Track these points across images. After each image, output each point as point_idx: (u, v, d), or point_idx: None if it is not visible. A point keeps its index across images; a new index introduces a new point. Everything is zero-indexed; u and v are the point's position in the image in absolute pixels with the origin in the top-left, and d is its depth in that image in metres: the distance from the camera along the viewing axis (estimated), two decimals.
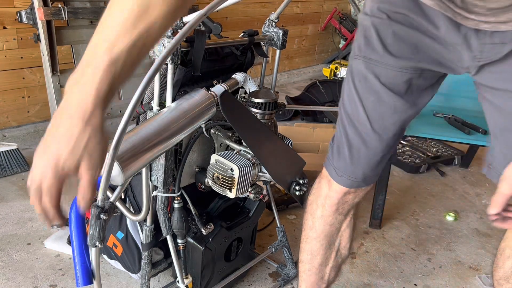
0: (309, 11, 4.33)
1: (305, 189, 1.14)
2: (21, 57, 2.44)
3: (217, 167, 1.11)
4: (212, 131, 1.18)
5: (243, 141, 1.13)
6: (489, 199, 0.83)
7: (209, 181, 1.15)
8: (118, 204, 1.13)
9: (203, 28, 1.13)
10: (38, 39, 2.13)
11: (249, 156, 1.14)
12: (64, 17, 2.09)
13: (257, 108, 1.19)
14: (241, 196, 1.15)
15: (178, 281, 1.31)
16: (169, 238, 1.24)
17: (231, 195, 1.11)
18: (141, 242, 1.27)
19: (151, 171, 1.13)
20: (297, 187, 1.12)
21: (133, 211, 1.23)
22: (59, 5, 2.10)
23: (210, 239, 1.33)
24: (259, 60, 1.37)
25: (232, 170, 1.09)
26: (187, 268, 1.32)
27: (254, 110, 1.19)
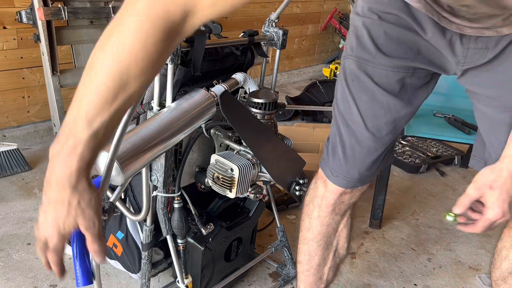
0: (309, 11, 4.33)
1: (305, 189, 1.14)
2: (21, 57, 2.44)
3: (217, 167, 1.11)
4: (212, 131, 1.18)
5: (243, 141, 1.13)
6: None
7: (209, 181, 1.15)
8: (118, 204, 1.13)
9: (203, 28, 1.13)
10: (38, 39, 2.13)
11: (249, 156, 1.14)
12: (64, 17, 2.09)
13: (257, 108, 1.19)
14: (241, 196, 1.15)
15: (178, 281, 1.31)
16: (169, 238, 1.24)
17: (231, 195, 1.11)
18: (141, 242, 1.27)
19: (151, 171, 1.13)
20: (297, 187, 1.12)
21: (133, 211, 1.23)
22: (59, 5, 2.10)
23: (210, 239, 1.33)
24: (259, 60, 1.37)
25: (232, 170, 1.09)
26: (187, 268, 1.32)
27: (254, 110, 1.19)
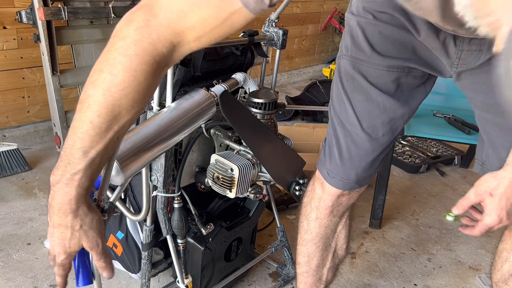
0: (309, 11, 4.33)
1: (305, 189, 1.14)
2: (21, 57, 2.44)
3: (217, 167, 1.11)
4: (212, 131, 1.18)
5: (243, 141, 1.13)
6: None
7: (209, 181, 1.15)
8: (118, 204, 1.13)
9: None
10: (38, 39, 2.13)
11: (249, 156, 1.14)
12: (64, 17, 2.09)
13: (257, 108, 1.19)
14: (241, 196, 1.15)
15: (178, 281, 1.31)
16: (169, 238, 1.24)
17: (231, 195, 1.11)
18: (141, 242, 1.27)
19: (151, 171, 1.13)
20: (297, 187, 1.12)
21: (133, 211, 1.23)
22: (59, 5, 2.10)
23: (210, 239, 1.33)
24: (259, 60, 1.37)
25: (232, 170, 1.09)
26: (187, 268, 1.32)
27: (254, 110, 1.19)
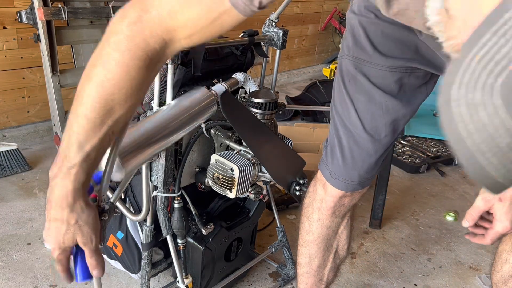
0: (309, 11, 4.33)
1: (305, 189, 1.14)
2: (21, 57, 2.44)
3: (217, 167, 1.11)
4: (212, 131, 1.18)
5: (243, 141, 1.13)
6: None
7: (209, 181, 1.15)
8: (118, 204, 1.13)
9: None
10: (38, 39, 2.13)
11: (249, 156, 1.14)
12: (64, 17, 2.09)
13: (257, 108, 1.19)
14: (241, 196, 1.15)
15: (178, 281, 1.31)
16: (169, 238, 1.24)
17: (231, 195, 1.11)
18: (141, 242, 1.27)
19: (151, 171, 1.13)
20: (297, 187, 1.12)
21: (133, 211, 1.23)
22: (59, 5, 2.10)
23: (210, 239, 1.33)
24: (259, 60, 1.37)
25: (232, 170, 1.09)
26: (187, 268, 1.32)
27: (254, 110, 1.19)
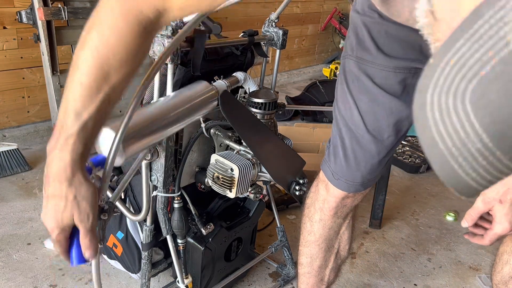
0: (309, 11, 4.33)
1: (305, 189, 1.14)
2: (21, 57, 2.44)
3: (217, 167, 1.11)
4: (212, 131, 1.18)
5: (243, 141, 1.13)
6: None
7: (209, 181, 1.15)
8: (118, 204, 1.13)
9: (203, 28, 1.13)
10: (38, 39, 2.13)
11: (249, 156, 1.14)
12: (64, 17, 2.09)
13: (257, 108, 1.19)
14: (241, 196, 1.15)
15: (178, 281, 1.31)
16: (169, 238, 1.24)
17: (231, 195, 1.11)
18: (141, 242, 1.27)
19: (151, 171, 1.13)
20: (297, 187, 1.12)
21: (133, 211, 1.23)
22: (59, 5, 2.10)
23: (210, 239, 1.33)
24: (259, 60, 1.37)
25: (232, 170, 1.09)
26: (187, 268, 1.32)
27: (254, 110, 1.19)
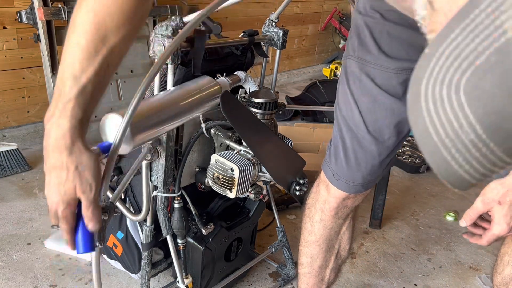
0: (309, 11, 4.33)
1: (305, 189, 1.14)
2: (21, 57, 2.44)
3: (217, 167, 1.11)
4: (212, 131, 1.18)
5: (243, 141, 1.13)
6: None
7: (209, 181, 1.15)
8: (118, 204, 1.13)
9: (203, 28, 1.13)
10: (38, 39, 2.13)
11: (249, 156, 1.14)
12: (64, 17, 2.09)
13: (257, 108, 1.19)
14: (241, 196, 1.15)
15: (178, 281, 1.31)
16: (169, 238, 1.24)
17: (231, 195, 1.11)
18: (141, 242, 1.27)
19: (151, 171, 1.13)
20: (297, 187, 1.12)
21: (133, 211, 1.23)
22: (59, 5, 2.10)
23: (210, 239, 1.33)
24: (259, 60, 1.37)
25: (232, 170, 1.09)
26: (187, 268, 1.32)
27: (254, 110, 1.19)
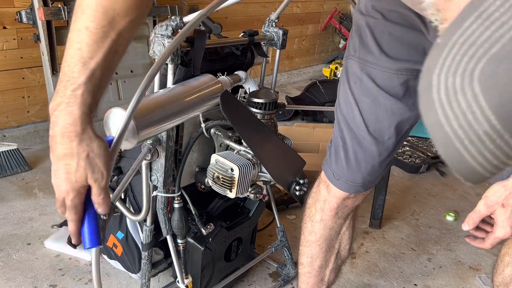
0: (309, 11, 4.33)
1: (305, 189, 1.14)
2: (21, 57, 2.44)
3: (217, 167, 1.11)
4: (212, 131, 1.18)
5: (243, 141, 1.13)
6: None
7: (209, 181, 1.15)
8: (118, 204, 1.13)
9: (203, 28, 1.13)
10: (38, 39, 2.13)
11: (249, 156, 1.14)
12: (64, 17, 2.09)
13: (257, 108, 1.19)
14: (241, 196, 1.15)
15: (178, 281, 1.31)
16: (169, 238, 1.24)
17: (231, 195, 1.11)
18: (141, 242, 1.27)
19: (151, 171, 1.13)
20: (297, 187, 1.12)
21: (133, 211, 1.23)
22: (59, 5, 2.10)
23: (210, 239, 1.33)
24: (259, 60, 1.37)
25: (232, 170, 1.09)
26: (187, 268, 1.32)
27: (254, 110, 1.19)
